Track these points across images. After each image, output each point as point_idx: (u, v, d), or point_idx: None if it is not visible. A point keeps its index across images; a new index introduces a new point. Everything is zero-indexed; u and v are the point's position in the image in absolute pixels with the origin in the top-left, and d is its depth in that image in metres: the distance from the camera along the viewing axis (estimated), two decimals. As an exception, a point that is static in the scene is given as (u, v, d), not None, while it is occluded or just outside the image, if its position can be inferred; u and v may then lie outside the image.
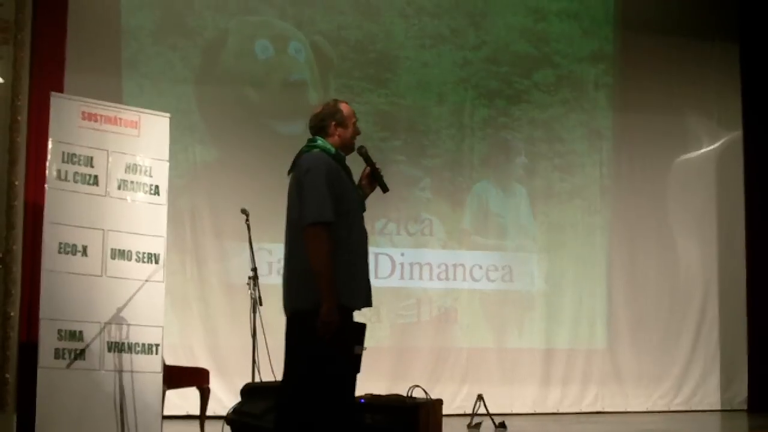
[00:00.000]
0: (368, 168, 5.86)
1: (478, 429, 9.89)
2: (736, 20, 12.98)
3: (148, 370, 8.42)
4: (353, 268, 5.55)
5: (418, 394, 8.21)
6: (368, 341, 5.80)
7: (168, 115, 9.07)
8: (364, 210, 5.75)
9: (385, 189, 5.89)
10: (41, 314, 8.21)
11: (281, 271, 5.68)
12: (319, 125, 5.77)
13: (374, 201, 5.94)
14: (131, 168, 8.78)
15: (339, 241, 5.46)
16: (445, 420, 8.04)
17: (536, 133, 12.24)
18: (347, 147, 5.76)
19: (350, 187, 5.64)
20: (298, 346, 5.50)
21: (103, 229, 8.51)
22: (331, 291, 5.35)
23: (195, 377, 8.95)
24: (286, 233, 5.62)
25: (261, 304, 8.82)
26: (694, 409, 12.24)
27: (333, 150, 5.66)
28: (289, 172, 5.73)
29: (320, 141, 5.70)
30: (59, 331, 8.22)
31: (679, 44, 12.79)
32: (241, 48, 11.34)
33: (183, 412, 10.19)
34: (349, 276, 5.51)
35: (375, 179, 5.85)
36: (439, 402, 8.00)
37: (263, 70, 11.41)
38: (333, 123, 5.73)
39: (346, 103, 5.81)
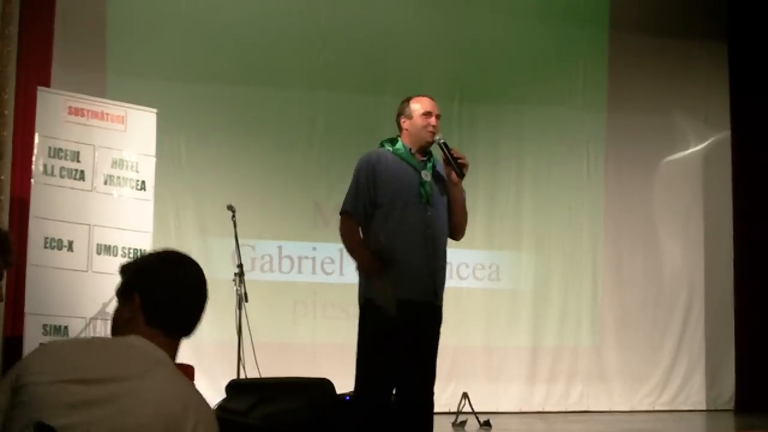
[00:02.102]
0: (443, 156, 6.05)
1: (463, 427, 9.90)
2: (724, 20, 12.98)
3: (132, 366, 8.41)
4: (387, 257, 5.72)
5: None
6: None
7: (155, 110, 9.08)
8: (426, 200, 5.91)
9: (459, 174, 6.05)
10: (26, 309, 8.22)
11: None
12: (396, 123, 6.20)
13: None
14: (118, 163, 8.80)
15: (374, 230, 5.72)
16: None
17: (524, 131, 12.22)
18: (419, 139, 6.03)
19: (398, 178, 5.85)
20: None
21: (89, 224, 8.53)
22: (361, 254, 5.86)
23: (180, 373, 8.93)
24: None
25: (247, 300, 8.82)
26: (678, 408, 12.24)
27: (394, 145, 6.09)
28: None
29: (388, 140, 6.16)
30: (44, 326, 8.23)
31: (667, 44, 12.78)
32: (228, 45, 11.30)
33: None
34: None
35: (449, 165, 6.02)
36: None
37: (250, 66, 11.39)
38: (402, 118, 6.13)
39: (424, 96, 6.16)
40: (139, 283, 3.04)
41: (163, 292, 3.05)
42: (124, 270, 3.12)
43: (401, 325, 5.72)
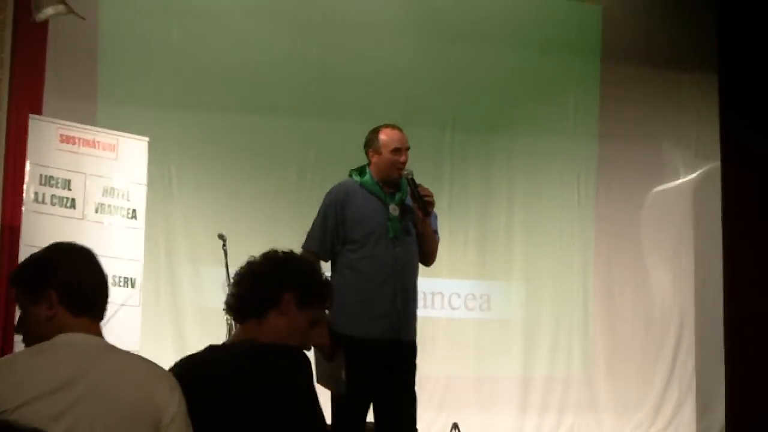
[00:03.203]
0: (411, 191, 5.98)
1: (454, 457, 9.86)
2: (715, 51, 13.03)
3: (122, 394, 8.37)
4: (352, 294, 5.61)
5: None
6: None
7: (146, 138, 9.07)
8: (394, 235, 5.81)
9: (425, 213, 5.96)
10: (17, 338, 8.15)
11: None
12: (365, 153, 6.22)
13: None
14: (108, 191, 8.78)
15: (341, 266, 5.63)
16: (421, 448, 7.99)
17: (515, 160, 12.23)
18: (386, 174, 5.91)
19: (366, 214, 5.76)
20: None
21: (79, 253, 8.47)
22: None
23: (170, 402, 8.88)
24: None
25: (237, 330, 8.78)
26: (669, 438, 12.24)
27: (361, 177, 6.08)
28: None
29: (357, 170, 6.16)
30: (34, 354, 8.16)
31: (658, 75, 12.82)
32: (220, 74, 11.29)
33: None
34: (347, 302, 5.58)
35: (416, 203, 5.95)
36: (415, 431, 7.95)
37: (242, 95, 11.38)
38: (370, 150, 6.15)
39: (392, 128, 6.04)
40: (50, 279, 3.06)
41: (77, 278, 3.11)
42: (20, 277, 3.14)
43: (369, 364, 5.68)
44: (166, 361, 10.73)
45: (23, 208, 8.40)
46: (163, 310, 10.85)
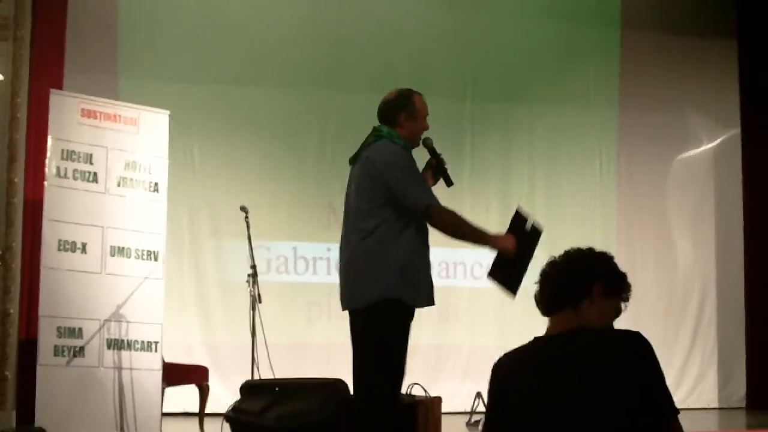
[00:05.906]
0: (433, 160, 5.81)
1: (477, 427, 9.89)
2: (734, 18, 12.98)
3: (147, 367, 8.45)
4: (409, 265, 5.44)
5: (417, 391, 8.18)
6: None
7: (167, 112, 9.06)
8: None
9: (449, 183, 5.81)
10: (41, 311, 8.22)
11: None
12: (388, 113, 5.71)
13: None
14: (131, 165, 8.78)
15: (395, 237, 5.38)
16: (444, 418, 7.99)
17: (536, 130, 12.22)
18: (413, 140, 5.69)
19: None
20: (363, 341, 5.46)
21: (102, 227, 8.52)
22: (482, 235, 5.60)
23: (194, 375, 8.96)
24: (343, 225, 5.59)
25: (260, 302, 8.81)
26: (692, 406, 12.21)
27: (401, 140, 5.59)
28: (353, 160, 5.69)
29: (386, 130, 5.63)
30: (58, 328, 8.23)
31: (678, 42, 12.79)
32: (239, 46, 11.31)
33: (182, 410, 10.19)
34: (405, 273, 5.42)
35: (439, 173, 5.79)
36: (438, 400, 7.96)
37: (262, 67, 11.39)
38: (403, 114, 5.66)
39: (421, 95, 5.75)
40: None
41: None
42: None
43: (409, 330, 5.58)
44: (190, 334, 10.82)
45: (46, 183, 8.42)
46: (186, 283, 10.91)
